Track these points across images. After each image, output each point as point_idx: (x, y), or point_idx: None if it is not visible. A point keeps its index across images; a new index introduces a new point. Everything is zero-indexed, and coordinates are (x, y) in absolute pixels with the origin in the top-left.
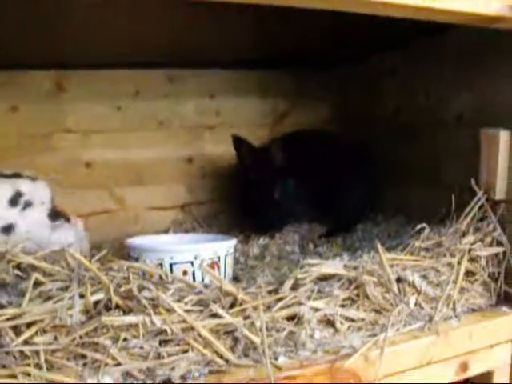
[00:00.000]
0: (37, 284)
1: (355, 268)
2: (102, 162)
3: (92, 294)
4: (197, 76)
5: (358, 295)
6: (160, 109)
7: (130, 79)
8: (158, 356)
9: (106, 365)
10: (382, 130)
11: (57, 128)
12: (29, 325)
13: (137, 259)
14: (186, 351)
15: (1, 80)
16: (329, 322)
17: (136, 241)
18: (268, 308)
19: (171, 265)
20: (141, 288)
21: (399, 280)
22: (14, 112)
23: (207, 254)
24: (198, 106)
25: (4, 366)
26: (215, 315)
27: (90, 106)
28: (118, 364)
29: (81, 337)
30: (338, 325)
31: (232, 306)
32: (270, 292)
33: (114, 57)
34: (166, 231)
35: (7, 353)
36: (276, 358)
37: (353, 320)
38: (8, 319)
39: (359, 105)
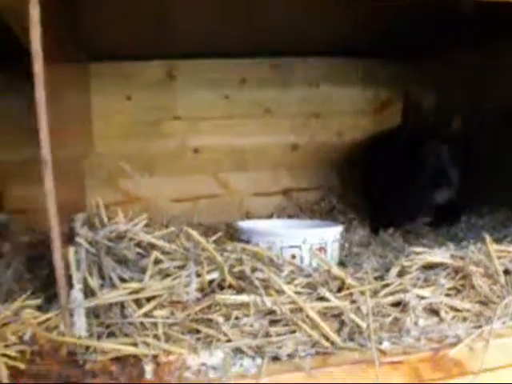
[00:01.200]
0: (156, 262)
1: (462, 258)
2: (209, 148)
3: (207, 273)
4: (302, 64)
5: (463, 285)
6: (266, 97)
7: (237, 68)
8: (267, 335)
9: (218, 340)
10: (484, 119)
11: (167, 115)
12: (149, 299)
13: (247, 242)
14: (294, 331)
15: (116, 71)
16: (433, 311)
17: (247, 224)
18: (374, 293)
19: (281, 248)
20: (253, 269)
21: (507, 272)
22: (128, 100)
23: (315, 239)
24: (303, 94)
25: (126, 335)
26: (323, 298)
27: (198, 94)
28: (229, 340)
29: (196, 313)
30: (442, 314)
31: (339, 289)
32: (376, 278)
33: (221, 46)
34: (270, 216)
35: (130, 323)
36: (380, 343)
37: (458, 310)
38: (131, 293)
39: (462, 94)
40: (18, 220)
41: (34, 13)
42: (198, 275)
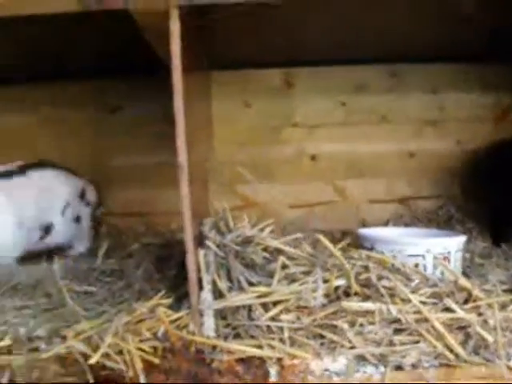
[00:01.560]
0: (282, 267)
1: None
2: (326, 155)
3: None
4: (420, 70)
5: None
6: (383, 104)
7: (355, 74)
8: (391, 343)
9: (342, 346)
10: None
11: (285, 122)
12: (275, 303)
13: (370, 249)
14: (418, 342)
15: (236, 78)
16: None
17: (370, 232)
18: (502, 307)
19: (404, 257)
20: (379, 277)
21: None
22: (247, 107)
23: (439, 248)
24: (420, 101)
25: (252, 337)
26: (448, 309)
27: (316, 101)
28: (353, 347)
29: (321, 318)
30: None
31: (466, 301)
32: (505, 291)
33: (338, 53)
34: (386, 224)
35: (257, 326)
36: (509, 359)
37: None
38: (259, 296)
39: None
40: (138, 222)
41: (175, 28)
42: (325, 281)
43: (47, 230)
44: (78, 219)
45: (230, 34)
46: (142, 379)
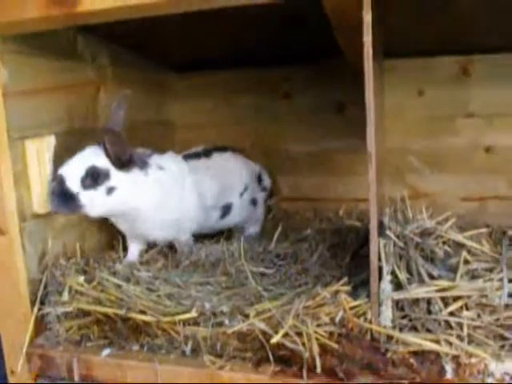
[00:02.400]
0: (464, 262)
1: None
2: (503, 147)
3: None
4: None
5: None
6: None
7: None
8: None
9: None
10: None
11: (460, 112)
12: (455, 298)
13: None
14: None
15: (409, 66)
16: None
17: None
18: None
19: None
20: None
21: None
22: (420, 96)
23: None
24: None
25: (429, 331)
26: None
27: (493, 90)
28: None
29: (504, 319)
30: None
31: None
32: None
33: None
34: None
35: (435, 320)
36: None
37: None
38: (439, 290)
39: None
40: (305, 207)
41: (368, 18)
42: (510, 280)
43: (227, 209)
44: (254, 202)
45: (405, 22)
46: (318, 362)
